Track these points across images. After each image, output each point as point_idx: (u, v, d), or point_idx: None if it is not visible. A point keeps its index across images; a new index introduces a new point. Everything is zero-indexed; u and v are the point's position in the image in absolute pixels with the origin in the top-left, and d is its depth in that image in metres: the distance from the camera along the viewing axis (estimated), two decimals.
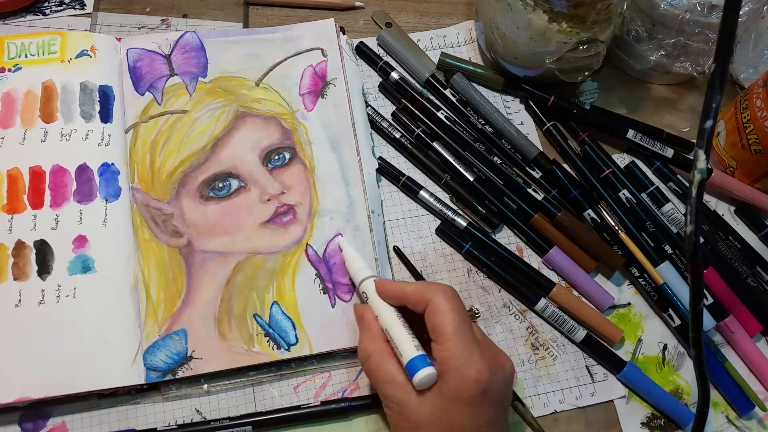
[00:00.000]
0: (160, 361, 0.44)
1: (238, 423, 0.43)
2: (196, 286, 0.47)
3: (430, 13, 0.64)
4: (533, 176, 0.55)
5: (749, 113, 0.52)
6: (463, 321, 0.39)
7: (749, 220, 0.56)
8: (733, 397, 0.48)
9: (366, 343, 0.41)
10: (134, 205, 0.49)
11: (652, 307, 0.52)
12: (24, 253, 0.46)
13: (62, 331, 0.44)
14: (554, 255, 0.51)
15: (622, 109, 0.60)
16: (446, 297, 0.39)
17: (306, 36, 0.57)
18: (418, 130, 0.55)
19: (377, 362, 0.40)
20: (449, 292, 0.40)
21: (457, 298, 0.40)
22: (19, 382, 0.42)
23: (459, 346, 0.37)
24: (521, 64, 0.55)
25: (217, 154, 0.51)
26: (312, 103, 0.54)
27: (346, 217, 0.50)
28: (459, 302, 0.40)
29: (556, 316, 0.49)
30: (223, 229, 0.49)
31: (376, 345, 0.41)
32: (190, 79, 0.53)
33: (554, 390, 0.48)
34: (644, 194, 0.55)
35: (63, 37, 0.53)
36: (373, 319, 0.42)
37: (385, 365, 0.39)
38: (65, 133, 0.49)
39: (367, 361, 0.41)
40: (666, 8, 0.52)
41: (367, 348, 0.41)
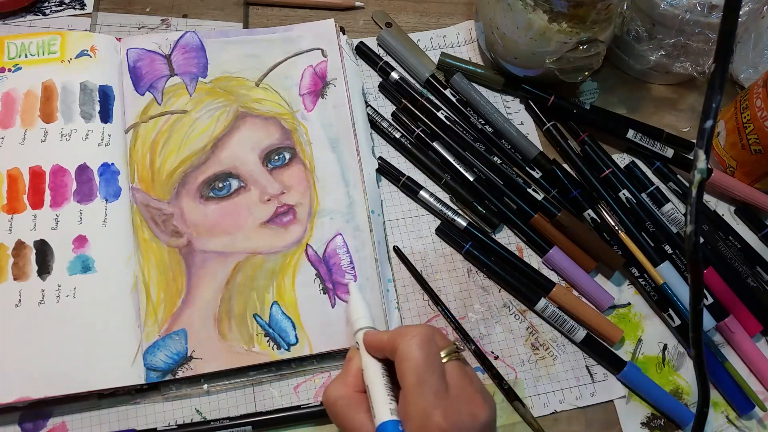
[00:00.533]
0: (160, 361, 0.44)
1: (238, 423, 0.43)
2: (196, 286, 0.47)
3: (430, 13, 0.64)
4: (533, 176, 0.55)
5: (749, 113, 0.52)
6: (429, 369, 0.36)
7: (749, 220, 0.56)
8: (733, 397, 0.48)
9: (334, 388, 0.39)
10: (134, 205, 0.49)
11: (652, 307, 0.52)
12: (24, 253, 0.46)
13: (62, 331, 0.44)
14: (554, 255, 0.51)
15: (622, 109, 0.60)
16: (415, 342, 0.36)
17: (306, 36, 0.57)
18: (418, 130, 0.55)
19: (342, 409, 0.38)
20: (420, 336, 0.37)
21: (430, 341, 0.37)
22: (19, 382, 0.42)
23: (419, 402, 0.35)
24: (521, 64, 0.55)
25: (217, 154, 0.51)
26: (312, 103, 0.54)
27: (346, 217, 0.50)
28: (430, 346, 0.37)
29: (556, 316, 0.49)
30: (223, 229, 0.49)
31: (344, 392, 0.38)
32: (190, 79, 0.53)
33: (554, 390, 0.48)
34: (644, 194, 0.55)
35: (63, 37, 0.53)
36: (354, 366, 0.40)
37: (350, 413, 0.37)
38: (65, 133, 0.49)
39: (331, 406, 0.39)
40: (666, 8, 0.52)
41: (332, 393, 0.39)
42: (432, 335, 0.38)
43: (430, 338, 0.37)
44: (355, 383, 0.39)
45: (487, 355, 0.48)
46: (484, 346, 0.49)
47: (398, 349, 0.36)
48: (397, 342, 0.37)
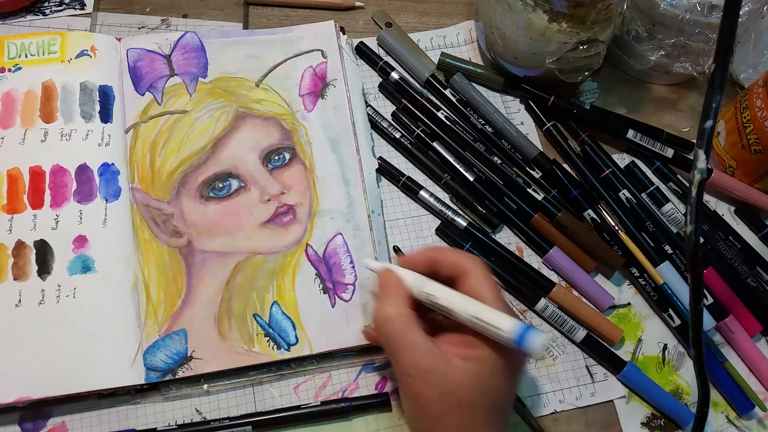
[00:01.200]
0: (160, 361, 0.44)
1: (238, 423, 0.43)
2: (196, 286, 0.47)
3: (430, 13, 0.64)
4: (533, 176, 0.55)
5: (749, 113, 0.52)
6: (499, 292, 0.39)
7: (749, 220, 0.56)
8: (733, 397, 0.48)
9: (388, 307, 0.39)
10: (134, 205, 0.49)
11: (652, 307, 0.52)
12: (24, 253, 0.46)
13: (62, 331, 0.44)
14: (554, 255, 0.51)
15: (622, 109, 0.60)
16: (483, 267, 0.40)
17: (306, 37, 0.57)
18: (418, 130, 0.55)
19: (400, 328, 0.38)
20: (480, 261, 0.40)
21: (489, 270, 0.40)
22: (19, 382, 0.42)
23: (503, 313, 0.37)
24: (521, 64, 0.55)
25: (217, 155, 0.51)
26: (312, 103, 0.54)
27: (346, 217, 0.50)
28: (491, 275, 0.40)
29: (556, 316, 0.49)
30: (223, 229, 0.49)
31: (400, 310, 0.39)
32: (190, 79, 0.53)
33: (554, 390, 0.48)
34: (644, 194, 0.55)
35: (63, 37, 0.53)
36: (395, 287, 0.40)
37: (409, 331, 0.38)
38: (65, 133, 0.49)
39: (385, 325, 0.39)
40: (666, 8, 0.52)
41: (388, 312, 0.39)
42: None
43: None
44: (406, 302, 0.39)
45: None
46: None
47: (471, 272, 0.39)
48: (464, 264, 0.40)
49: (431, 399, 0.37)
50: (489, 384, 0.37)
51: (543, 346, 0.35)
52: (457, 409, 0.36)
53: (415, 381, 0.37)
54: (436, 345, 0.38)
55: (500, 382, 0.37)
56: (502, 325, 0.36)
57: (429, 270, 0.41)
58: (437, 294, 0.39)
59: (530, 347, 0.35)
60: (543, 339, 0.35)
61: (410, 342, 0.37)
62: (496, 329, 0.36)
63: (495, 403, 0.38)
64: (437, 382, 0.37)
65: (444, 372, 0.37)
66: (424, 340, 0.37)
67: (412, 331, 0.38)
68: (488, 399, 0.37)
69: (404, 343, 0.38)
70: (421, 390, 0.37)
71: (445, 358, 0.37)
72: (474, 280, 0.39)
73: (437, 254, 0.41)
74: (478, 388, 0.37)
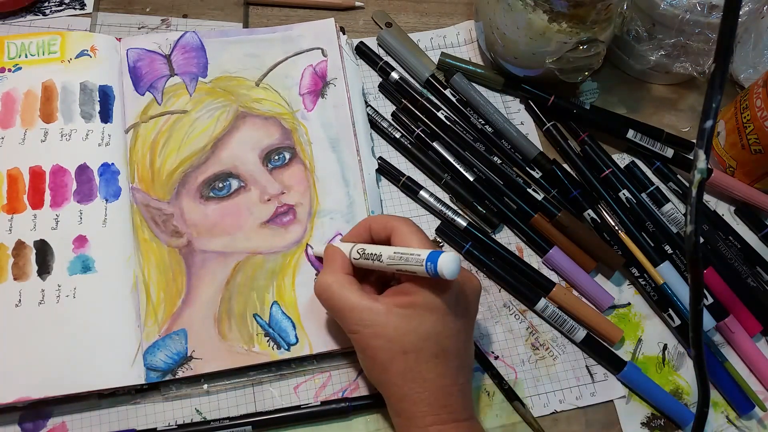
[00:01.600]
0: (160, 361, 0.44)
1: (238, 423, 0.43)
2: (196, 286, 0.47)
3: (430, 13, 0.64)
4: (533, 176, 0.55)
5: (749, 113, 0.52)
6: (428, 241, 0.41)
7: (749, 220, 0.56)
8: (733, 397, 0.48)
9: (325, 276, 0.42)
10: (134, 205, 0.49)
11: (652, 307, 0.52)
12: (24, 253, 0.46)
13: (62, 331, 0.44)
14: (554, 255, 0.51)
15: (622, 109, 0.60)
16: (410, 223, 0.43)
17: (306, 36, 0.57)
18: (418, 130, 0.55)
19: (338, 290, 0.41)
20: (410, 220, 0.43)
21: (418, 227, 0.43)
22: (19, 382, 0.42)
23: None
24: (521, 64, 0.55)
25: (217, 154, 0.51)
26: (312, 103, 0.54)
27: (346, 217, 0.50)
28: (420, 229, 0.43)
29: (556, 316, 0.49)
30: (223, 229, 0.49)
31: (336, 276, 0.42)
32: (190, 79, 0.53)
33: (554, 390, 0.48)
34: (644, 194, 0.55)
35: (63, 37, 0.53)
36: (338, 257, 0.43)
37: (346, 293, 0.40)
38: (65, 133, 0.49)
39: (324, 291, 0.41)
40: (666, 8, 0.52)
41: (326, 279, 0.42)
42: None
43: None
44: (343, 268, 0.42)
45: (487, 355, 0.48)
46: (484, 346, 0.49)
47: (397, 228, 0.42)
48: (391, 223, 0.43)
49: (377, 349, 0.39)
50: (428, 326, 0.39)
51: (455, 267, 0.36)
52: (402, 354, 0.39)
53: (361, 336, 0.40)
54: (376, 300, 0.40)
55: (440, 322, 0.39)
56: (416, 254, 0.38)
57: (368, 237, 0.44)
58: (365, 247, 0.42)
59: (442, 271, 0.36)
60: (453, 261, 0.36)
61: (349, 302, 0.40)
62: (411, 260, 0.38)
63: (439, 345, 0.39)
64: (380, 334, 0.39)
65: (384, 322, 0.39)
66: (361, 297, 0.40)
67: (349, 292, 0.40)
68: (431, 342, 0.39)
69: (344, 304, 0.40)
70: (367, 343, 0.40)
71: (385, 310, 0.39)
72: (403, 234, 0.41)
73: (370, 221, 0.45)
74: (418, 332, 0.39)
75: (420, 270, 0.37)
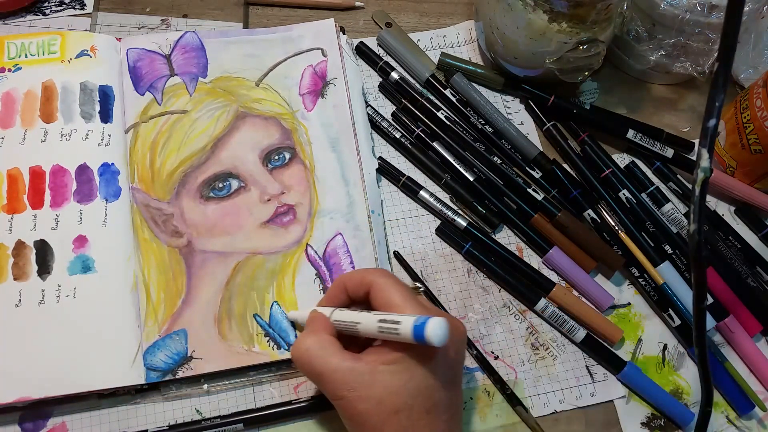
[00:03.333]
0: (160, 361, 0.44)
1: (230, 421, 0.43)
2: (196, 286, 0.47)
3: (430, 13, 0.64)
4: (533, 176, 0.55)
5: (749, 113, 0.52)
6: (409, 293, 0.39)
7: (749, 220, 0.56)
8: (733, 397, 0.48)
9: (301, 340, 0.39)
10: (134, 205, 0.49)
11: (652, 307, 0.52)
12: (24, 253, 0.46)
13: (62, 331, 0.44)
14: (554, 255, 0.51)
15: (622, 109, 0.60)
16: (387, 275, 0.40)
17: (306, 36, 0.57)
18: (418, 130, 0.55)
19: (317, 353, 0.38)
20: (387, 272, 0.41)
21: (396, 277, 0.41)
22: (19, 382, 0.42)
23: (415, 313, 0.37)
24: (521, 64, 0.55)
25: (217, 155, 0.51)
26: (312, 103, 0.54)
27: (346, 217, 0.50)
28: (399, 280, 0.41)
29: (556, 316, 0.49)
30: (223, 229, 0.49)
31: (316, 337, 0.39)
32: (190, 79, 0.53)
33: (554, 390, 0.48)
34: (644, 194, 0.55)
35: (63, 37, 0.53)
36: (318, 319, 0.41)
37: (326, 355, 0.38)
38: (65, 133, 0.49)
39: (303, 356, 0.38)
40: (666, 8, 0.52)
41: (303, 342, 0.39)
42: None
43: None
44: (322, 330, 0.39)
45: (486, 355, 0.48)
46: (484, 346, 0.49)
47: (374, 283, 0.39)
48: (368, 278, 0.40)
49: (367, 414, 0.36)
50: (417, 382, 0.36)
51: (443, 333, 0.34)
52: (394, 415, 0.36)
53: (347, 401, 0.37)
54: (359, 360, 0.37)
55: (430, 375, 0.37)
56: (400, 323, 0.35)
57: (345, 298, 0.42)
58: (343, 317, 0.39)
59: (430, 339, 0.34)
60: (440, 327, 0.34)
61: (330, 365, 0.37)
62: (396, 330, 0.36)
63: (430, 400, 0.37)
64: (368, 396, 0.36)
65: (371, 382, 0.36)
66: (343, 359, 0.37)
67: (329, 354, 0.38)
68: (423, 397, 0.37)
69: (325, 367, 0.37)
70: (355, 408, 0.37)
71: (370, 369, 0.37)
72: (381, 289, 0.39)
73: (344, 279, 0.42)
74: (408, 388, 0.36)
75: (406, 338, 0.35)
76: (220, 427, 0.43)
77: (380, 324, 0.36)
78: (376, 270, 0.42)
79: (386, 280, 0.39)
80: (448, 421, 0.38)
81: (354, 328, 0.39)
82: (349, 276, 0.42)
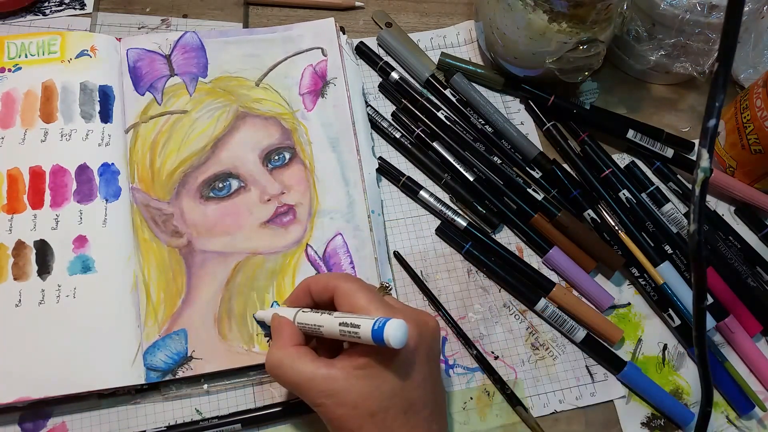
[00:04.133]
0: (160, 361, 0.44)
1: (228, 422, 0.43)
2: (196, 286, 0.47)
3: (430, 13, 0.64)
4: (533, 176, 0.55)
5: (749, 113, 0.52)
6: (374, 295, 0.39)
7: (749, 220, 0.56)
8: (733, 397, 0.48)
9: (272, 353, 0.39)
10: (134, 205, 0.49)
11: (652, 307, 0.52)
12: (24, 253, 0.46)
13: (62, 331, 0.44)
14: (554, 255, 0.51)
15: (622, 109, 0.60)
16: (350, 279, 0.40)
17: (306, 36, 0.57)
18: (418, 130, 0.55)
19: (290, 365, 0.38)
20: (352, 276, 0.41)
21: (360, 280, 0.41)
22: (19, 382, 0.42)
23: (379, 314, 0.37)
24: (521, 64, 0.55)
25: (217, 155, 0.51)
26: (312, 102, 0.54)
27: (346, 217, 0.50)
28: (364, 282, 0.41)
29: (556, 316, 0.49)
30: (223, 230, 0.49)
31: (286, 350, 0.39)
32: (190, 79, 0.53)
33: (554, 390, 0.48)
34: (644, 194, 0.55)
35: (63, 37, 0.53)
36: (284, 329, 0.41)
37: (299, 366, 0.38)
38: (65, 133, 0.49)
39: (277, 368, 0.39)
40: (666, 8, 0.52)
41: (273, 356, 0.39)
42: None
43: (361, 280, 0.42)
44: (291, 339, 0.40)
45: (486, 355, 0.48)
46: (484, 346, 0.49)
47: (338, 288, 0.39)
48: (332, 283, 0.40)
49: (344, 418, 0.37)
50: (390, 384, 0.37)
51: (401, 335, 0.34)
52: (370, 417, 0.36)
53: (326, 407, 0.37)
54: (333, 366, 0.37)
55: (401, 375, 0.37)
56: (360, 327, 0.35)
57: (309, 300, 0.42)
58: (306, 320, 0.40)
59: (390, 342, 0.34)
60: (398, 329, 0.34)
61: (305, 374, 0.37)
62: (356, 333, 0.36)
63: (406, 400, 0.37)
64: (344, 401, 0.36)
65: (345, 388, 0.36)
66: (317, 366, 0.37)
67: (302, 364, 0.38)
68: (398, 398, 0.37)
69: (299, 377, 0.38)
70: (333, 413, 0.37)
71: (344, 375, 0.37)
72: (344, 294, 0.39)
73: (309, 282, 0.42)
74: (381, 391, 0.36)
75: (367, 341, 0.35)
76: (218, 428, 0.43)
77: (341, 327, 0.36)
78: (341, 275, 0.42)
79: (350, 284, 0.39)
80: (427, 418, 0.38)
81: (318, 330, 0.39)
82: (314, 279, 0.42)
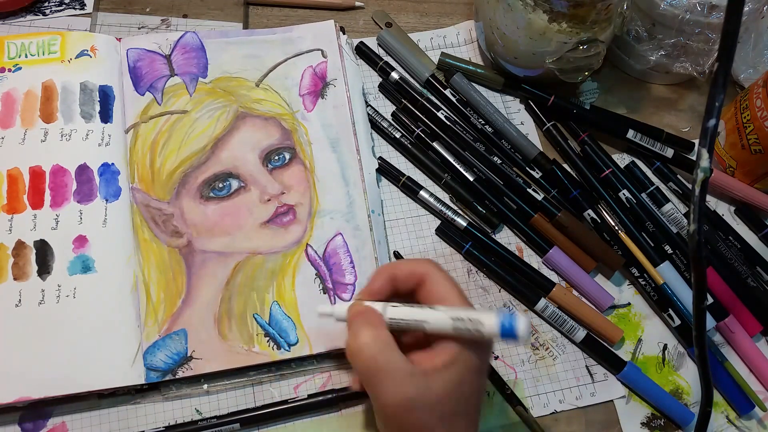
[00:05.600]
0: (160, 361, 0.44)
1: (226, 421, 0.43)
2: (196, 286, 0.47)
3: (430, 13, 0.64)
4: (533, 176, 0.55)
5: (749, 113, 0.52)
6: (461, 290, 0.39)
7: (749, 220, 0.56)
8: (733, 397, 0.48)
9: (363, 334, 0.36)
10: (134, 205, 0.49)
11: (652, 307, 0.52)
12: (24, 253, 0.46)
13: (62, 331, 0.44)
14: (554, 255, 0.51)
15: (622, 109, 0.60)
16: (440, 269, 0.39)
17: (306, 37, 0.57)
18: (418, 130, 0.55)
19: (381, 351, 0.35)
20: (436, 263, 0.40)
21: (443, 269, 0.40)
22: (19, 382, 0.42)
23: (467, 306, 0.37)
24: (521, 64, 0.55)
25: (217, 155, 0.51)
26: (312, 103, 0.54)
27: (346, 217, 0.50)
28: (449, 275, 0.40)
29: (556, 316, 0.49)
30: (223, 230, 0.49)
31: (378, 334, 0.36)
32: (191, 79, 0.53)
33: (554, 390, 0.48)
34: (644, 194, 0.55)
35: (63, 37, 0.53)
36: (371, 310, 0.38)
37: (389, 354, 0.35)
38: (65, 133, 0.49)
39: (362, 352, 0.36)
40: (666, 8, 0.52)
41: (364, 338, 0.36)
42: None
43: None
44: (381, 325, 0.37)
45: None
46: None
47: (429, 275, 0.38)
48: (420, 269, 0.39)
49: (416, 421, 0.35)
50: (465, 387, 0.36)
51: (528, 328, 0.35)
52: (439, 421, 0.35)
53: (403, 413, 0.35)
54: (413, 363, 0.36)
55: (475, 380, 0.37)
56: (483, 320, 0.35)
57: (390, 290, 0.40)
58: (402, 315, 0.37)
59: (519, 333, 0.34)
60: (527, 325, 0.35)
61: (394, 364, 0.35)
62: (478, 326, 0.35)
63: (470, 403, 0.37)
64: (422, 404, 0.35)
65: (426, 388, 0.35)
66: (404, 360, 0.36)
67: (392, 354, 0.36)
68: (466, 402, 0.36)
69: (389, 366, 0.35)
70: (404, 408, 0.35)
71: (424, 375, 0.35)
72: (434, 283, 0.38)
73: (393, 270, 0.40)
74: (456, 394, 0.36)
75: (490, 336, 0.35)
76: (217, 428, 0.43)
77: (456, 323, 0.35)
78: (426, 261, 0.39)
79: (439, 273, 0.38)
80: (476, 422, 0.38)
81: (419, 326, 0.37)
82: (396, 266, 0.40)
